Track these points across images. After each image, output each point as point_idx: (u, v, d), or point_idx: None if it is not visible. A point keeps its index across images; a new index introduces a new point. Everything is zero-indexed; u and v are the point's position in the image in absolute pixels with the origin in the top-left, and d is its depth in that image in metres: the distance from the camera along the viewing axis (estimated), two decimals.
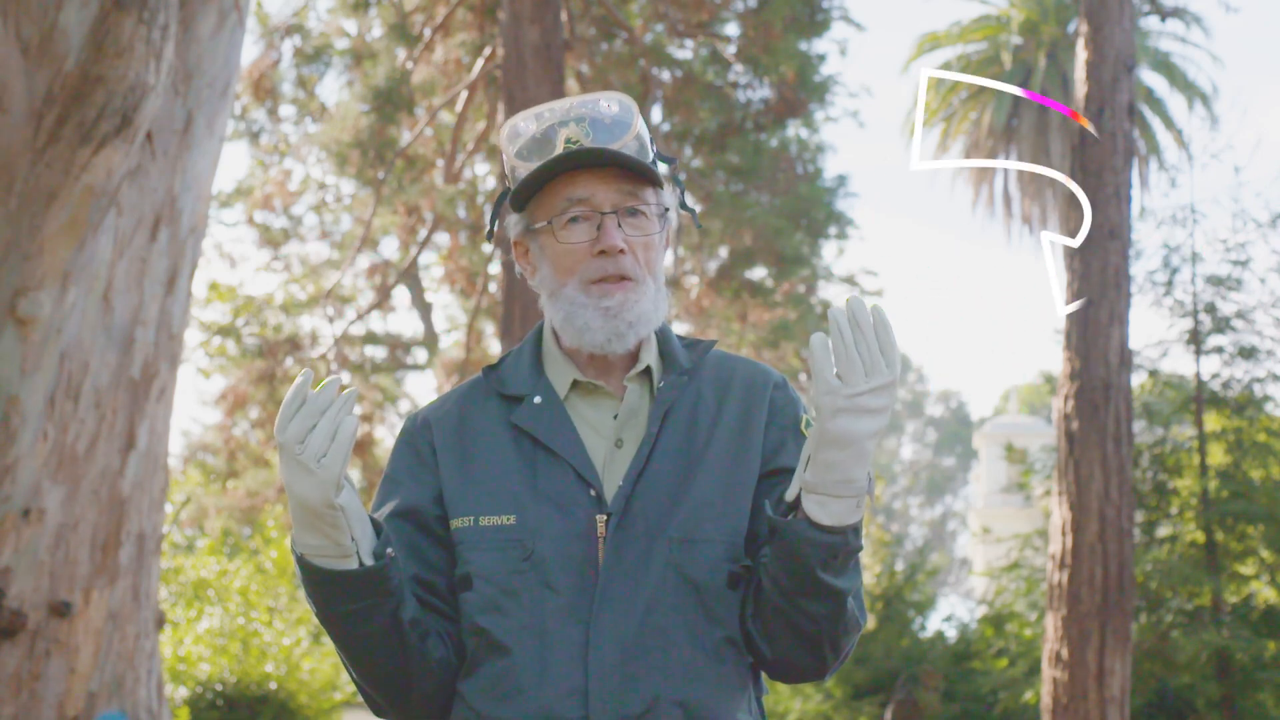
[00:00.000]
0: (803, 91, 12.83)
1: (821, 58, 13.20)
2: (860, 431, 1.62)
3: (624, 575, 1.74)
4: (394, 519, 1.83)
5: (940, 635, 12.81)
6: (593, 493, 1.78)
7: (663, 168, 1.96)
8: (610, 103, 1.87)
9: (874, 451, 1.65)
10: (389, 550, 1.73)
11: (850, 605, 1.74)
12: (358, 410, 1.78)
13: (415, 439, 1.89)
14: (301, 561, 1.72)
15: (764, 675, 1.88)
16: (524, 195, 1.86)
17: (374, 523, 1.76)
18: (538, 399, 1.85)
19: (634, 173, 1.83)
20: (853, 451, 1.63)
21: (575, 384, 1.87)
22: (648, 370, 1.88)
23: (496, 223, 1.97)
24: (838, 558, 1.68)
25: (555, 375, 1.88)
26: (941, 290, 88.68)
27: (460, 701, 1.80)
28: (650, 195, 1.85)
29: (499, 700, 1.74)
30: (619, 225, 1.81)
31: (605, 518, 1.76)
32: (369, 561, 1.72)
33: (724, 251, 14.42)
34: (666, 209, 1.88)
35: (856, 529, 1.68)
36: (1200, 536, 9.40)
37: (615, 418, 1.85)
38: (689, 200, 2.06)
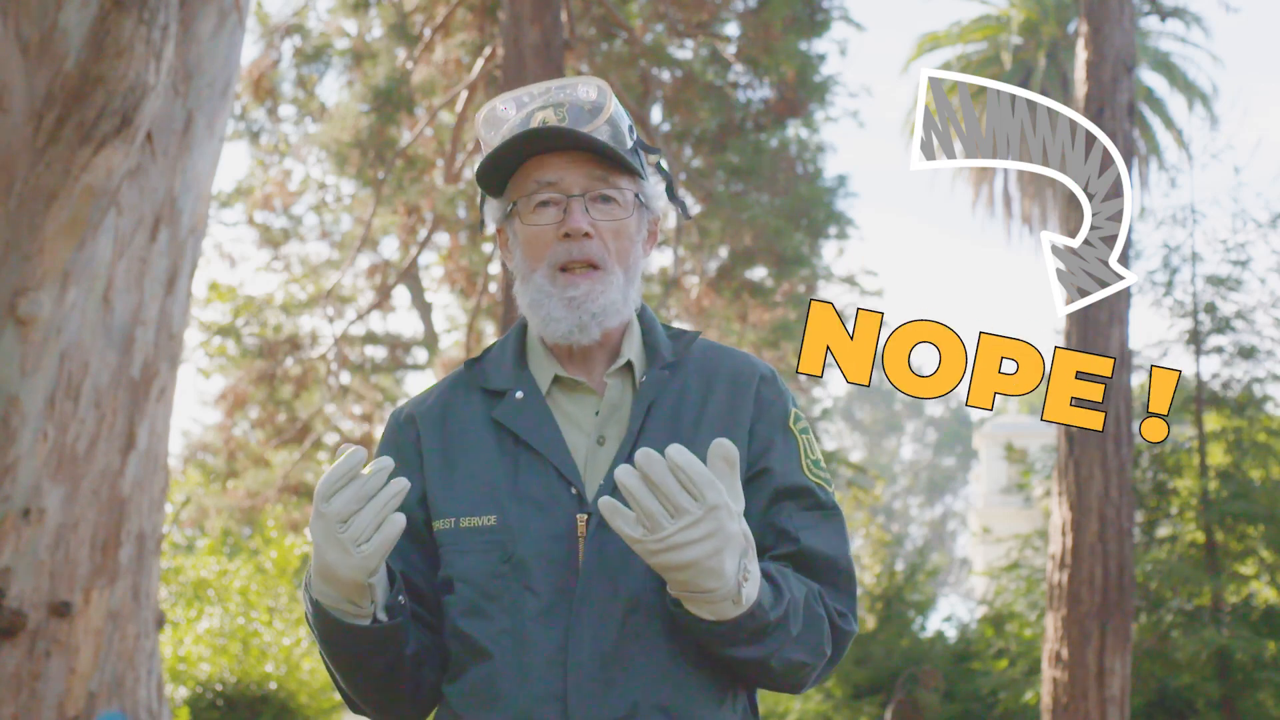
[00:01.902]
0: (803, 91, 12.81)
1: (821, 58, 13.18)
2: (688, 559, 1.57)
3: (605, 576, 1.70)
4: None
5: (940, 635, 12.80)
6: (574, 491, 1.74)
7: (661, 164, 1.92)
8: (588, 88, 1.82)
9: (727, 561, 1.58)
10: (401, 599, 1.71)
11: (781, 661, 1.69)
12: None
13: (399, 436, 1.86)
14: (316, 606, 1.69)
15: None
16: (492, 177, 1.82)
17: (388, 569, 1.72)
18: (519, 394, 1.81)
19: (605, 157, 1.79)
20: (692, 572, 1.58)
21: (557, 379, 1.83)
22: (630, 365, 1.84)
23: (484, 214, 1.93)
24: (739, 638, 1.65)
25: (537, 370, 1.84)
26: (941, 290, 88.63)
27: (444, 706, 1.78)
28: (625, 182, 1.81)
29: (480, 705, 1.71)
30: (586, 209, 1.78)
31: (586, 517, 1.72)
32: (384, 617, 1.69)
33: (724, 251, 14.39)
34: (642, 199, 1.84)
35: (751, 613, 1.63)
36: (1200, 536, 9.40)
37: (597, 414, 1.81)
38: (679, 193, 2.00)
